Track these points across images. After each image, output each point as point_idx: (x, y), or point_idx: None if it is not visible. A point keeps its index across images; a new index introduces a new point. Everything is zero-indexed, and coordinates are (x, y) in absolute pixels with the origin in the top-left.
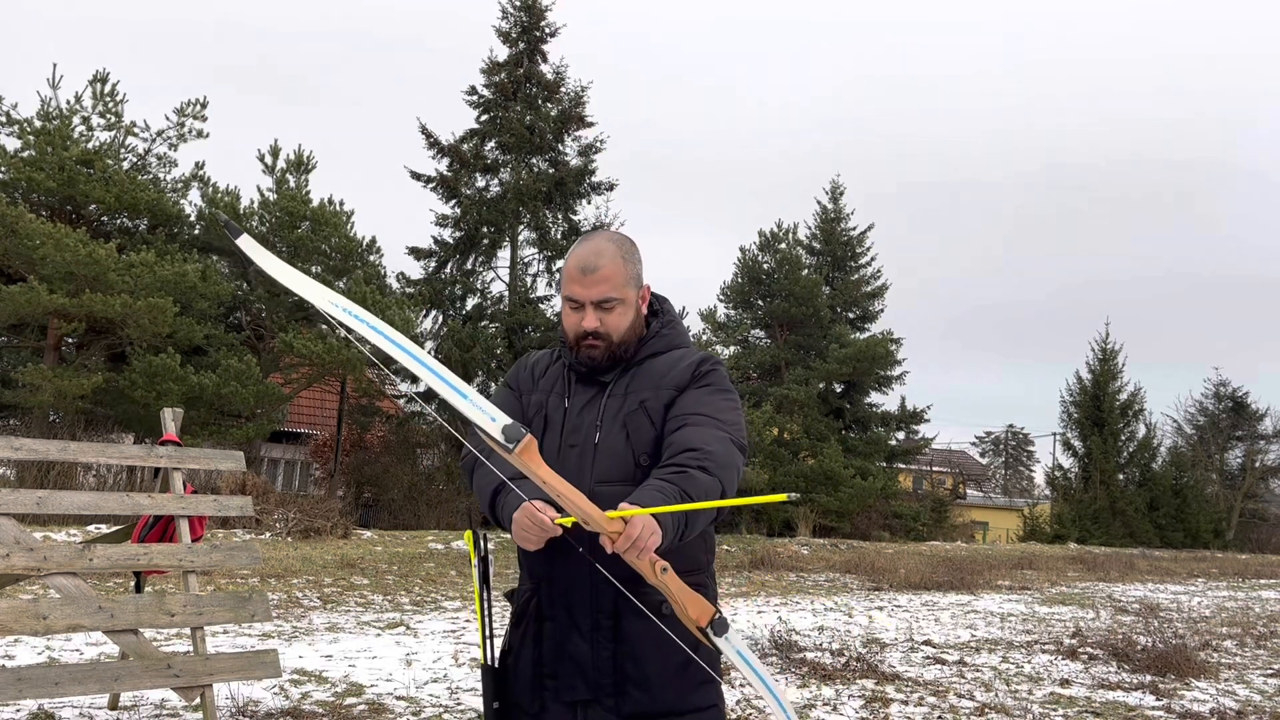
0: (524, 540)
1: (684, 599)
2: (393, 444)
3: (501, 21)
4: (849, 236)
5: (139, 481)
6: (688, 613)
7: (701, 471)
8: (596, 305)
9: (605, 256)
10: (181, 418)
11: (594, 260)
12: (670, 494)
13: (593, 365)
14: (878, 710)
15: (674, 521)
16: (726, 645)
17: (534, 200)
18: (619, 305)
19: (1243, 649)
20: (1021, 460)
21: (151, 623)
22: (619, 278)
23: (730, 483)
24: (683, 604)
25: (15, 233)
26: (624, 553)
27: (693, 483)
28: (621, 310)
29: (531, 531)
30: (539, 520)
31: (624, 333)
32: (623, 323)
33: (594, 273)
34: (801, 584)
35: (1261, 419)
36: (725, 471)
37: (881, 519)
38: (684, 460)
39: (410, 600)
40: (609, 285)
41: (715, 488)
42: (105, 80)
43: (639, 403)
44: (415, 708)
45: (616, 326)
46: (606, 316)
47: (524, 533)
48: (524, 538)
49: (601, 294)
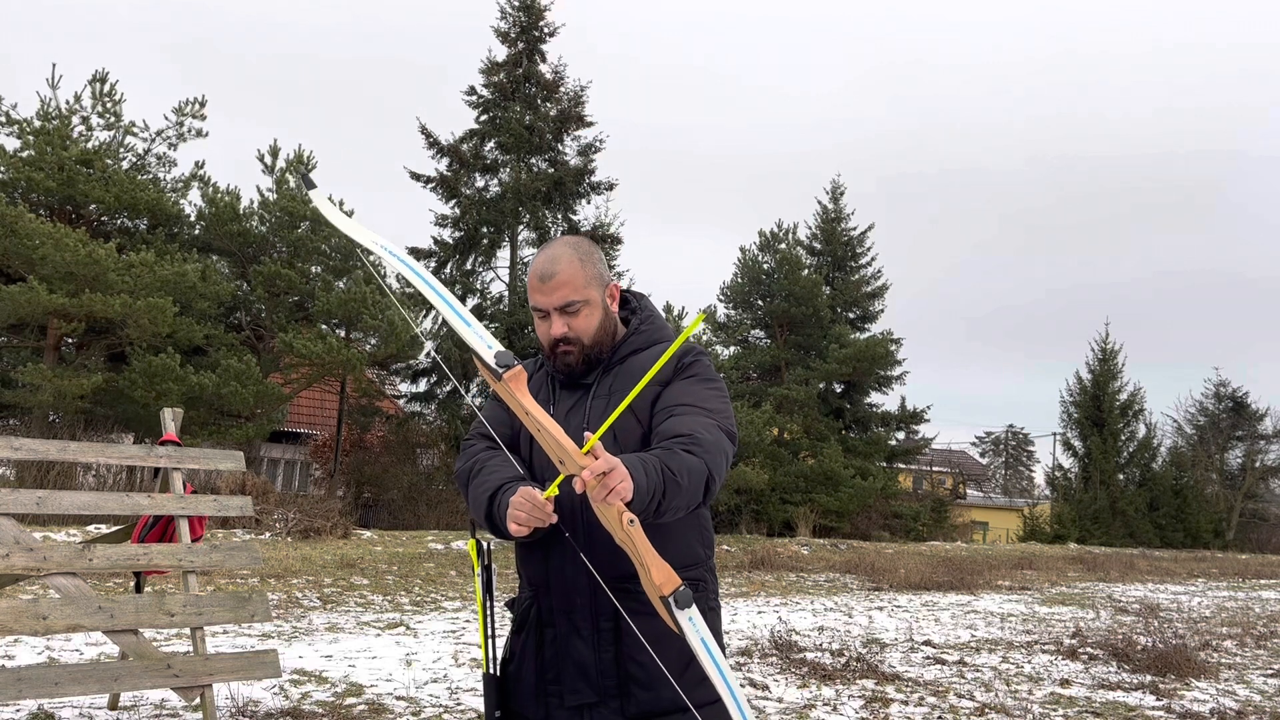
0: (515, 521)
1: (649, 560)
2: (393, 444)
3: (500, 21)
4: (849, 236)
5: (139, 481)
6: (651, 576)
7: (687, 453)
8: (561, 311)
9: (561, 262)
10: (181, 418)
11: (550, 267)
12: (651, 464)
13: (570, 371)
14: (878, 710)
15: (648, 486)
16: (687, 623)
17: (533, 200)
18: (584, 307)
19: (1243, 649)
20: (1021, 460)
21: (151, 623)
22: (578, 280)
23: (718, 467)
24: (647, 565)
25: (15, 233)
26: (592, 492)
27: (675, 458)
28: (588, 312)
29: (523, 509)
30: (530, 495)
31: (594, 334)
32: (591, 324)
33: (551, 279)
34: (801, 584)
35: (1261, 419)
36: (712, 455)
37: (881, 519)
38: (670, 444)
39: (410, 600)
40: (569, 289)
41: (700, 469)
42: (104, 80)
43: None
44: (415, 708)
45: (585, 329)
46: (573, 320)
47: (516, 512)
48: (516, 517)
49: (563, 299)
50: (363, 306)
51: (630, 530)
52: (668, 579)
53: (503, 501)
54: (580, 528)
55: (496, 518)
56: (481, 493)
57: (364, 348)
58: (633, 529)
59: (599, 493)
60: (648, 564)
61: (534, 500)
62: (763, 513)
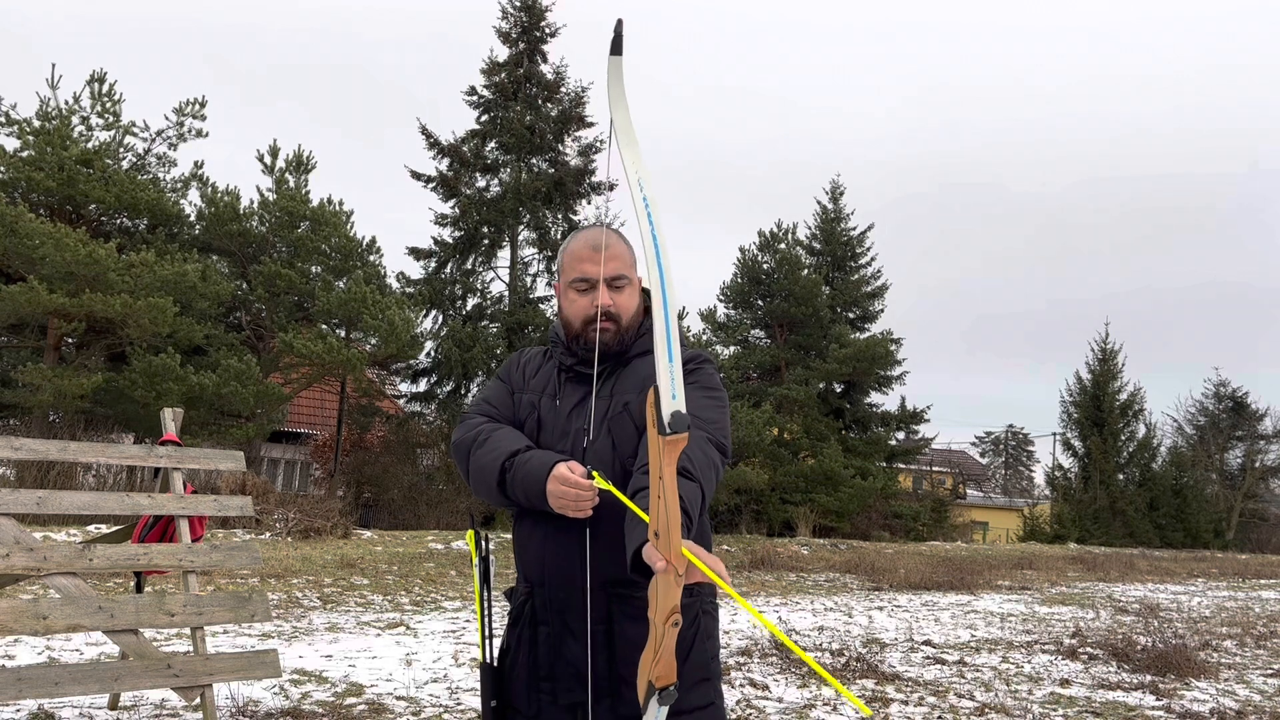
0: (560, 505)
1: (665, 654)
2: (393, 444)
3: (501, 22)
4: (849, 236)
5: (139, 481)
6: (658, 662)
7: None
8: (609, 283)
9: (613, 238)
10: (181, 418)
11: (602, 239)
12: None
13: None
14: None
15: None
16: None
17: (534, 200)
18: (628, 286)
19: (1243, 649)
20: (1021, 460)
21: (151, 623)
22: (627, 258)
23: (709, 483)
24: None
25: (15, 232)
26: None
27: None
28: (630, 292)
29: (568, 496)
30: (574, 481)
31: (630, 317)
32: (631, 304)
33: (606, 249)
34: (801, 584)
35: (1261, 419)
36: (705, 474)
37: (881, 519)
38: None
39: (410, 600)
40: (620, 262)
41: (696, 493)
42: (103, 80)
43: (623, 405)
44: (415, 708)
45: (627, 308)
46: (618, 296)
47: (560, 498)
48: (561, 504)
49: (614, 270)
50: (363, 306)
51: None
52: (669, 675)
53: (520, 469)
54: (580, 529)
55: (510, 485)
56: (491, 459)
57: (364, 348)
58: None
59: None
60: (662, 656)
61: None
62: (763, 513)
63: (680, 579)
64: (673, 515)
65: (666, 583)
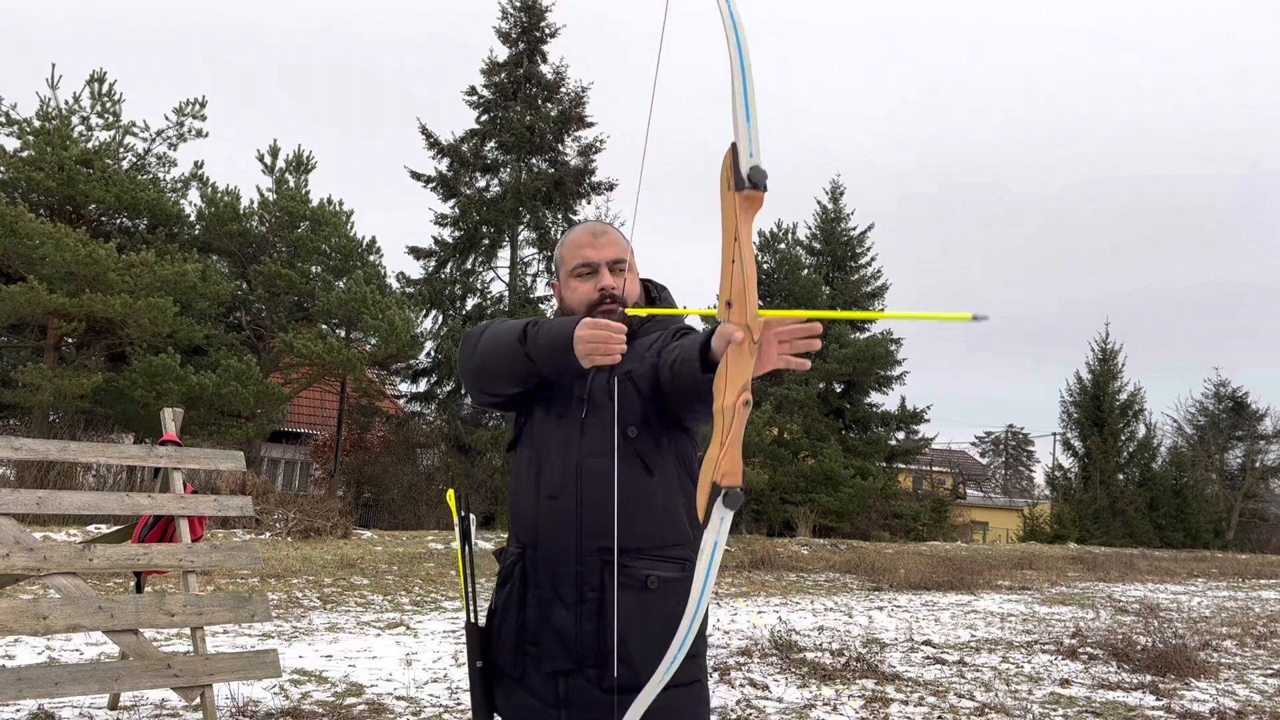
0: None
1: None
2: (393, 444)
3: (501, 22)
4: (849, 237)
5: (139, 481)
6: (723, 458)
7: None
8: (610, 267)
9: (610, 227)
10: (181, 418)
11: (602, 227)
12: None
13: None
14: (878, 710)
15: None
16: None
17: (534, 200)
18: (628, 272)
19: (1243, 649)
20: (1021, 460)
21: (151, 623)
22: (624, 245)
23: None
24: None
25: (15, 232)
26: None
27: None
28: (630, 278)
29: (598, 339)
30: (605, 322)
31: (632, 303)
32: (634, 291)
33: (604, 234)
34: (801, 584)
35: (1261, 419)
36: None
37: (881, 519)
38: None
39: (410, 600)
40: (619, 248)
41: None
42: (103, 80)
43: (626, 373)
44: (415, 708)
45: (630, 293)
46: (620, 280)
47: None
48: (590, 348)
49: (614, 254)
50: (363, 306)
51: (740, 410)
52: (735, 472)
53: (546, 324)
54: (575, 496)
55: (531, 340)
56: (512, 324)
57: (364, 348)
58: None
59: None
60: (729, 447)
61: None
62: (763, 513)
63: (755, 347)
64: (749, 277)
65: (739, 355)
